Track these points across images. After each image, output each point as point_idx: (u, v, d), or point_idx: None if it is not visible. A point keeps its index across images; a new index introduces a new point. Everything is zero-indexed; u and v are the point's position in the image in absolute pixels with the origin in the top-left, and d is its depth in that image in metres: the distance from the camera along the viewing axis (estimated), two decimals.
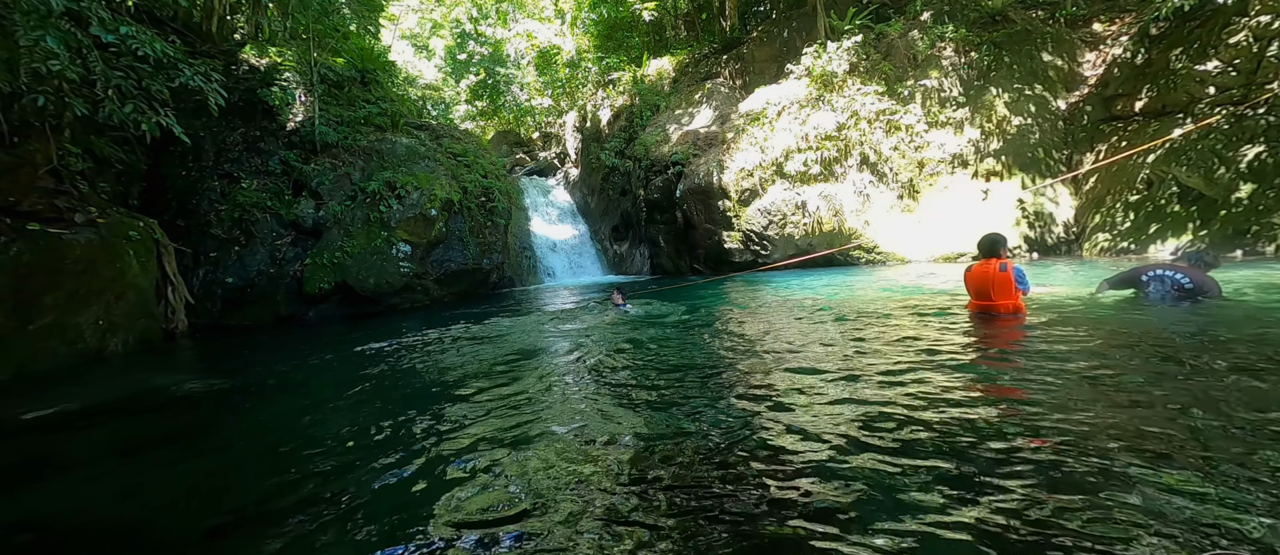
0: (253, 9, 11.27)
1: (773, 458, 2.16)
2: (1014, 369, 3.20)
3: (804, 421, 2.52)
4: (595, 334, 5.32)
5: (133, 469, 2.74)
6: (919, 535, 1.57)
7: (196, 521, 2.09)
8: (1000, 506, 1.69)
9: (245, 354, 6.08)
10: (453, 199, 10.02)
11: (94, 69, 5.82)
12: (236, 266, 8.51)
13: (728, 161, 11.79)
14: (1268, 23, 7.75)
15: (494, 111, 25.16)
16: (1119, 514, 1.60)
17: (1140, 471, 1.83)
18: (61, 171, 6.48)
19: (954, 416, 2.44)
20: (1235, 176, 7.59)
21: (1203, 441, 2.02)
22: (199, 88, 6.70)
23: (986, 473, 1.91)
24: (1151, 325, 3.98)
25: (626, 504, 1.88)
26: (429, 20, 25.50)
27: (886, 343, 4.01)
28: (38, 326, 5.54)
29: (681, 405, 2.90)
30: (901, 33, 11.81)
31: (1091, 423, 2.27)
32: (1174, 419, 2.24)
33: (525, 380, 3.69)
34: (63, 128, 6.50)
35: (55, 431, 3.43)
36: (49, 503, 2.32)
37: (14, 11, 5.29)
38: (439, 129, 13.03)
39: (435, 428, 2.86)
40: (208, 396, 4.13)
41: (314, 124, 9.66)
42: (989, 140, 10.55)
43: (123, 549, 1.96)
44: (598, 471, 2.15)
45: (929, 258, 10.39)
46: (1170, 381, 2.71)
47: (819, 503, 1.80)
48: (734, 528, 1.68)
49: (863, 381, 3.07)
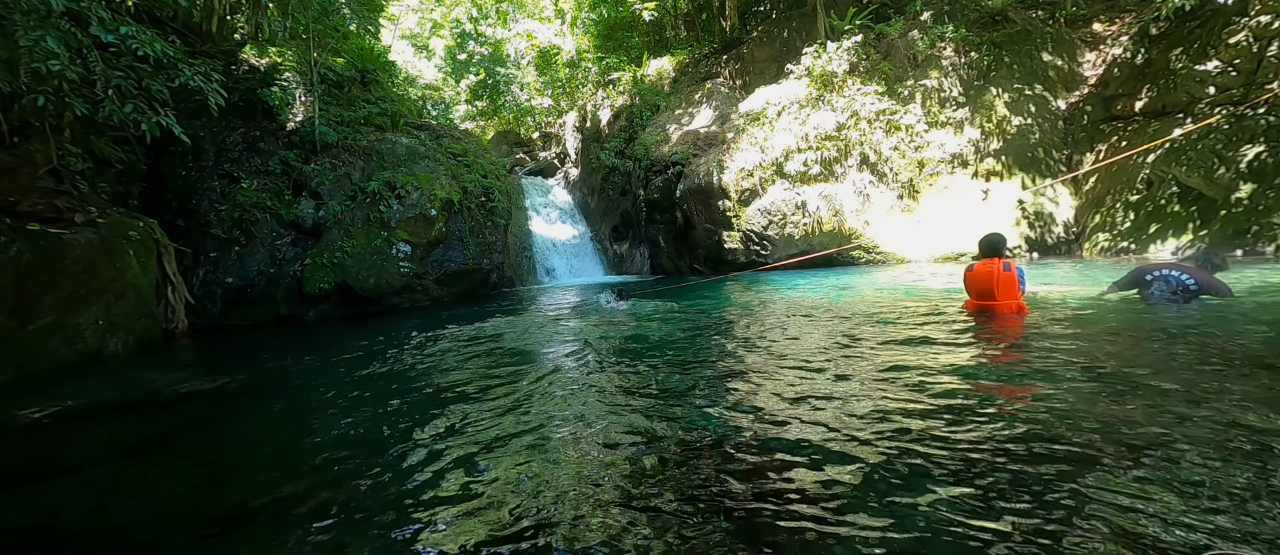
0: (253, 9, 11.27)
1: (772, 455, 2.16)
2: (1014, 369, 3.20)
3: (803, 420, 2.52)
4: (595, 334, 5.32)
5: (133, 469, 2.74)
6: (918, 534, 1.57)
7: (196, 521, 2.09)
8: (999, 505, 1.69)
9: (245, 354, 6.08)
10: (453, 199, 10.02)
11: (94, 69, 5.82)
12: (236, 266, 8.51)
13: (728, 161, 11.79)
14: (1268, 23, 7.75)
15: (494, 111, 25.16)
16: (1119, 513, 1.60)
17: (1141, 471, 1.83)
18: (61, 171, 6.48)
19: (954, 415, 2.44)
20: (1235, 176, 7.59)
21: (1203, 440, 2.02)
22: (199, 88, 6.70)
23: (986, 472, 1.91)
24: (1154, 324, 3.98)
25: (625, 502, 1.87)
26: (429, 20, 25.51)
27: (886, 342, 4.01)
28: (38, 326, 5.54)
29: (681, 404, 2.90)
30: (901, 33, 11.81)
31: (1092, 422, 2.27)
32: (1175, 418, 2.24)
33: (525, 379, 3.69)
34: (63, 128, 6.50)
35: (55, 431, 3.43)
36: (49, 503, 2.32)
37: (14, 11, 5.29)
38: (439, 129, 13.03)
39: (435, 427, 2.85)
40: (208, 396, 4.13)
41: (314, 124, 9.66)
42: (989, 140, 10.55)
43: (123, 549, 1.96)
44: (597, 469, 2.15)
45: (929, 258, 10.39)
46: (1172, 381, 2.71)
47: (818, 501, 1.80)
48: (732, 524, 1.68)
49: (862, 380, 3.07)
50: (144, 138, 6.61)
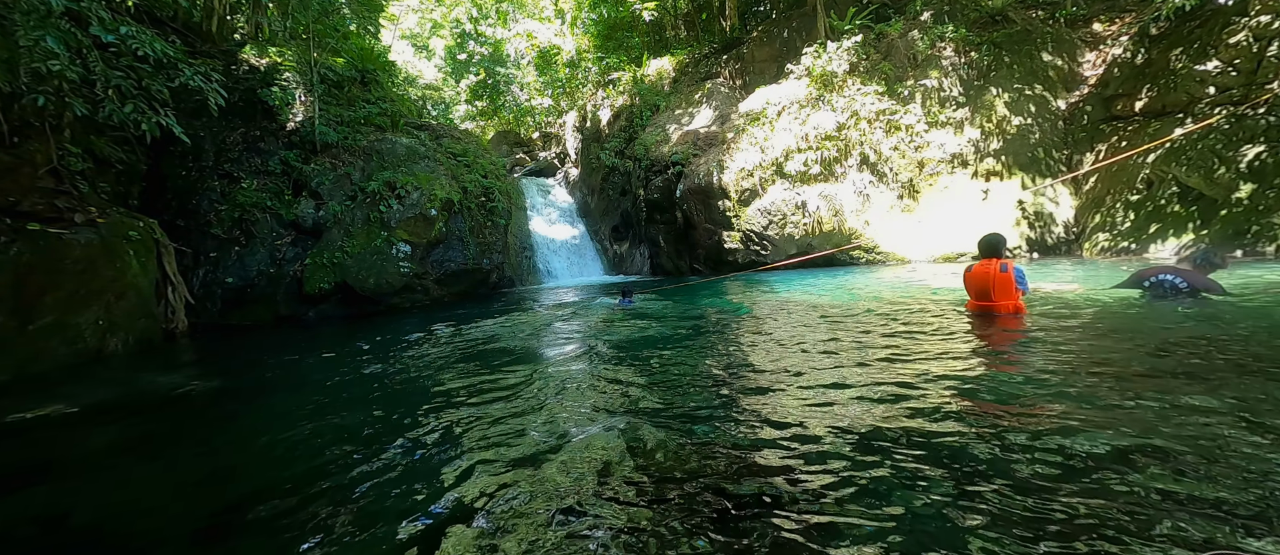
0: (253, 9, 11.27)
1: (772, 454, 2.16)
2: (1014, 368, 3.20)
3: (802, 419, 2.52)
4: (594, 333, 5.32)
5: (133, 469, 2.74)
6: (919, 531, 1.57)
7: (196, 521, 2.09)
8: (999, 505, 1.69)
9: (245, 354, 6.08)
10: (453, 199, 10.02)
11: (94, 69, 5.82)
12: (236, 266, 8.51)
13: (728, 161, 11.79)
14: (1268, 23, 7.75)
15: (494, 111, 25.16)
16: (1119, 513, 1.60)
17: (1141, 470, 1.83)
18: (61, 171, 6.48)
19: (953, 414, 2.44)
20: (1235, 176, 7.59)
21: (1204, 440, 2.02)
22: (199, 88, 6.70)
23: (986, 472, 1.90)
24: (1155, 323, 3.98)
25: (625, 500, 1.87)
26: (429, 20, 25.52)
27: (885, 341, 4.01)
28: (38, 326, 5.53)
29: (680, 403, 2.90)
30: (901, 33, 11.81)
31: (1093, 421, 2.27)
32: (1178, 417, 2.24)
33: (524, 379, 3.69)
34: (63, 128, 6.50)
35: (55, 431, 3.43)
36: (49, 503, 2.32)
37: (14, 11, 5.29)
38: (439, 129, 13.02)
39: (435, 427, 2.85)
40: (208, 396, 4.13)
41: (314, 124, 9.66)
42: (989, 140, 10.55)
43: (123, 549, 1.96)
44: (596, 467, 2.15)
45: (929, 258, 10.39)
46: (1173, 380, 2.71)
47: (817, 500, 1.80)
48: (730, 521, 1.68)
49: (860, 379, 3.07)
50: (144, 138, 6.60)
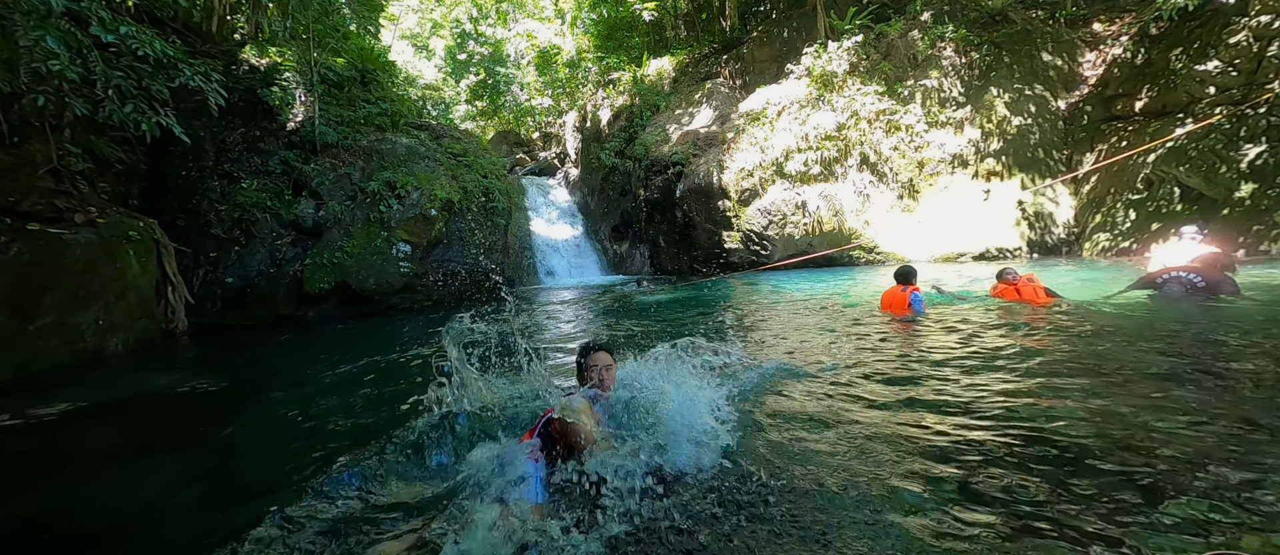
0: (253, 9, 11.26)
1: (772, 452, 2.16)
2: (1014, 368, 3.20)
3: (801, 417, 2.51)
4: (593, 333, 5.32)
5: (133, 469, 2.74)
6: (917, 535, 1.57)
7: (196, 521, 2.09)
8: (999, 505, 1.69)
9: (245, 354, 6.08)
10: (453, 199, 10.02)
11: (94, 69, 5.82)
12: (236, 266, 8.50)
13: (728, 161, 11.79)
14: (1268, 23, 7.74)
15: (494, 111, 25.17)
16: (1118, 512, 1.60)
17: (1140, 469, 1.83)
18: (61, 171, 6.48)
19: (953, 412, 2.44)
20: (1236, 176, 7.59)
21: (1206, 439, 2.02)
22: (199, 88, 6.69)
23: (986, 474, 1.90)
24: (1164, 323, 3.99)
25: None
26: (429, 20, 25.51)
27: (883, 340, 4.01)
28: (38, 326, 5.53)
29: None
30: (901, 33, 11.81)
31: (1093, 421, 2.26)
32: (1179, 417, 2.24)
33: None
34: (63, 128, 6.50)
35: (55, 431, 3.43)
36: (50, 501, 2.32)
37: (14, 11, 5.29)
38: (439, 129, 13.02)
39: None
40: (208, 396, 4.12)
41: (314, 124, 9.66)
42: (989, 140, 10.55)
43: (123, 548, 1.96)
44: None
45: (929, 258, 10.38)
46: (1174, 379, 2.71)
47: (817, 498, 1.79)
48: (729, 518, 1.68)
49: (858, 378, 3.07)
50: (144, 138, 6.60)
